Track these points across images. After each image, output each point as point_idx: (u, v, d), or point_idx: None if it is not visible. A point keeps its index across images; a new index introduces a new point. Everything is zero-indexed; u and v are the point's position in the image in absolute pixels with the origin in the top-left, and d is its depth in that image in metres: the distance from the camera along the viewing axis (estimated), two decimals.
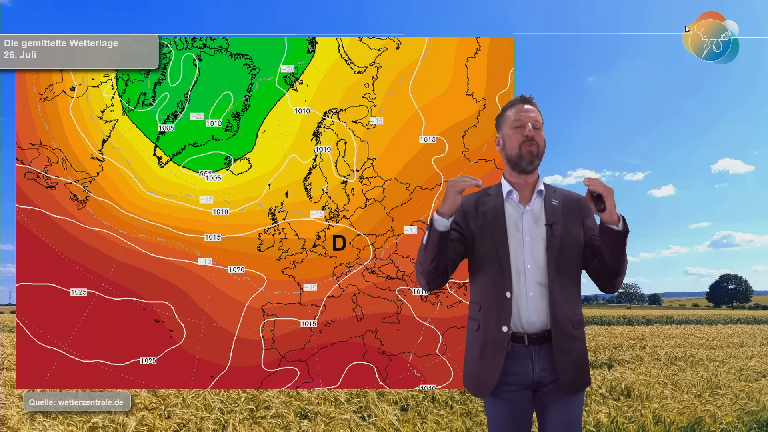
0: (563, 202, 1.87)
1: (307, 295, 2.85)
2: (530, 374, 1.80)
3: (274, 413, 3.77)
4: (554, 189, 1.90)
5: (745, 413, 4.30)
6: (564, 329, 1.80)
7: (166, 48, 2.89)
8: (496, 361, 1.80)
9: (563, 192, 1.91)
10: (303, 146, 2.88)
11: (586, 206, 1.87)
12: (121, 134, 2.88)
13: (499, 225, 1.85)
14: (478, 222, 1.87)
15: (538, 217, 1.85)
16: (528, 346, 1.80)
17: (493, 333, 1.81)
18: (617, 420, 3.81)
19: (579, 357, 1.82)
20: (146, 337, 2.83)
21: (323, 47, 2.90)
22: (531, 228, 1.84)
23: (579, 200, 1.89)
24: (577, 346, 1.83)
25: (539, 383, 1.81)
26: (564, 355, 1.79)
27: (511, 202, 1.87)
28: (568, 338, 1.81)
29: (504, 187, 1.89)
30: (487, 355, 1.82)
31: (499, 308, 1.81)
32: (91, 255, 2.84)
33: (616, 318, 30.53)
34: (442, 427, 3.61)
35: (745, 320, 29.44)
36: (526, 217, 1.85)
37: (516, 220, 1.85)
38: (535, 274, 1.81)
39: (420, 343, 2.86)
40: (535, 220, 1.84)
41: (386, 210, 2.87)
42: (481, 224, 1.87)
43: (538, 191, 1.87)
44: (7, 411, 3.78)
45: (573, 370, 1.80)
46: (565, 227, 1.84)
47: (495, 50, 2.90)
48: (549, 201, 1.86)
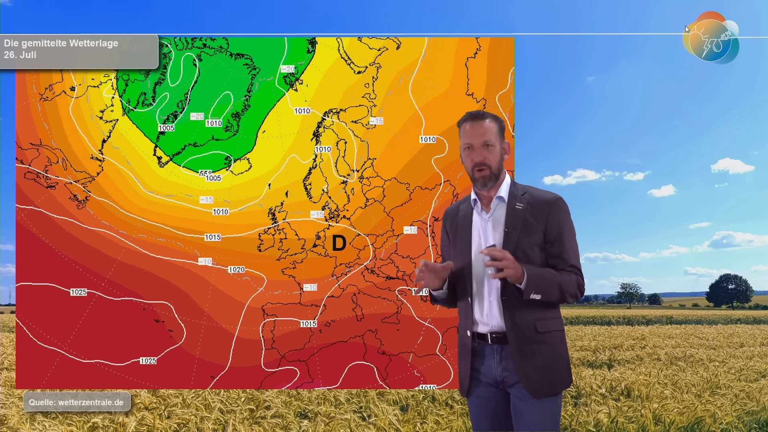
0: (529, 205, 1.84)
1: (307, 295, 2.85)
2: (493, 373, 1.85)
3: (274, 413, 3.77)
4: (524, 191, 1.88)
5: (745, 413, 4.30)
6: (524, 333, 1.79)
7: (166, 48, 2.89)
8: (467, 360, 1.90)
9: (534, 193, 1.87)
10: (303, 146, 2.88)
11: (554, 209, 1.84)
12: (121, 134, 2.88)
13: (465, 233, 1.91)
14: (453, 231, 1.97)
15: (498, 222, 1.86)
16: (491, 345, 1.85)
17: (464, 337, 1.92)
18: (617, 420, 3.81)
19: (546, 361, 1.79)
20: (146, 337, 2.83)
21: (323, 47, 2.90)
22: (491, 234, 1.86)
23: (548, 202, 1.85)
24: (543, 350, 1.80)
25: (503, 383, 1.84)
26: (525, 359, 1.78)
27: (477, 209, 1.92)
28: (531, 343, 1.79)
29: (472, 195, 1.94)
30: (462, 356, 1.93)
31: (466, 314, 1.91)
32: (91, 255, 2.84)
33: (616, 318, 30.53)
34: (442, 427, 3.61)
35: (745, 320, 29.43)
36: (488, 225, 1.88)
37: (479, 228, 1.89)
38: (493, 280, 1.82)
39: (420, 343, 2.86)
40: (495, 226, 1.86)
41: (386, 210, 2.87)
42: (454, 233, 1.96)
43: (497, 197, 1.87)
44: (7, 411, 3.78)
45: (537, 375, 1.78)
46: (524, 231, 1.82)
47: (495, 50, 2.90)
48: (512, 206, 1.85)
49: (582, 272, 1.87)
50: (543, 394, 1.78)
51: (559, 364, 1.83)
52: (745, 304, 71.82)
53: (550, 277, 1.79)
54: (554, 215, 1.84)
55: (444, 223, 2.03)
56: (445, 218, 2.03)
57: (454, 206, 2.03)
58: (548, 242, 1.84)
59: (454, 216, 1.99)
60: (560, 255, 1.84)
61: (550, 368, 1.80)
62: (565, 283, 1.81)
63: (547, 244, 1.84)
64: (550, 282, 1.78)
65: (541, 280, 1.77)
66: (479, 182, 1.85)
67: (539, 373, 1.78)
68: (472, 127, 1.86)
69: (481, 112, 1.89)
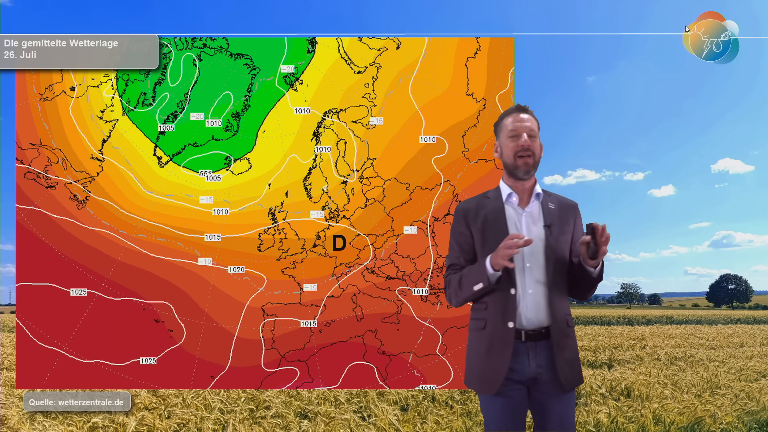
0: (558, 207, 1.95)
1: (307, 295, 2.85)
2: (527, 370, 1.86)
3: (274, 413, 3.77)
4: (549, 194, 1.99)
5: (745, 413, 4.30)
6: (560, 327, 1.88)
7: (166, 48, 2.89)
8: (504, 357, 1.85)
9: (558, 197, 1.99)
10: (303, 146, 2.88)
11: (578, 214, 1.99)
12: (121, 134, 2.88)
13: (500, 226, 1.92)
14: (479, 225, 1.95)
15: (536, 218, 1.93)
16: (525, 343, 1.86)
17: (500, 330, 1.87)
18: (617, 420, 3.81)
19: (572, 354, 1.90)
20: (146, 337, 2.83)
21: (323, 47, 2.90)
22: (530, 229, 1.91)
23: (572, 207, 1.98)
24: (570, 344, 1.91)
25: (534, 380, 1.87)
26: (560, 352, 1.87)
27: (511, 204, 1.95)
28: (564, 336, 1.88)
29: (503, 190, 1.97)
30: (494, 352, 1.87)
31: (504, 305, 1.87)
32: (91, 255, 2.84)
33: (616, 318, 30.53)
34: (442, 427, 3.61)
35: (745, 320, 29.43)
36: (525, 219, 1.92)
37: (515, 222, 1.93)
38: (534, 273, 1.87)
39: (420, 343, 2.86)
40: (534, 221, 1.92)
41: (386, 210, 2.87)
42: (483, 227, 1.94)
43: (536, 194, 1.95)
44: (7, 411, 3.78)
45: (568, 368, 1.87)
46: (559, 230, 1.92)
47: (495, 50, 2.90)
48: (546, 204, 1.94)
49: None
50: (572, 385, 1.89)
51: (578, 357, 1.95)
52: (745, 304, 71.81)
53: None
54: (579, 219, 1.99)
55: (464, 216, 1.97)
56: (465, 212, 1.98)
57: (474, 200, 2.01)
58: (573, 242, 1.96)
59: (477, 209, 1.97)
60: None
61: (575, 361, 1.91)
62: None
63: (572, 245, 1.95)
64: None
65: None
66: (521, 169, 1.90)
67: (569, 366, 1.88)
68: (519, 118, 1.92)
69: (527, 107, 1.96)
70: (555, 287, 1.87)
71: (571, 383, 1.87)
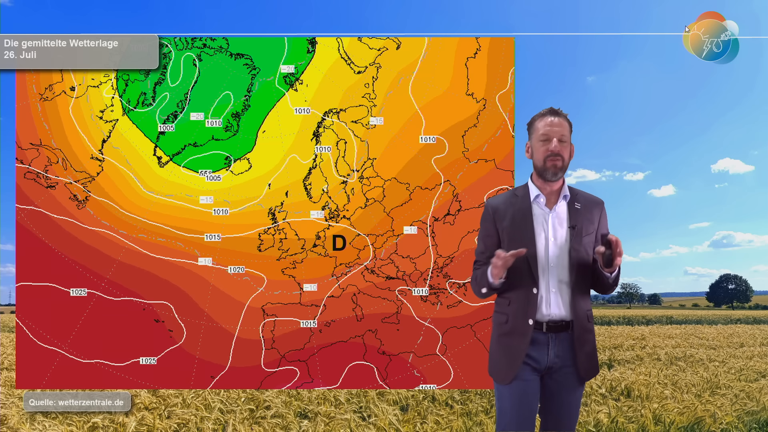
0: (584, 206, 2.01)
1: (307, 295, 2.85)
2: (545, 359, 1.95)
3: (274, 413, 3.77)
4: (577, 192, 2.04)
5: (745, 413, 4.30)
6: (582, 323, 1.96)
7: (166, 48, 2.89)
8: (521, 348, 1.95)
9: (585, 195, 2.05)
10: (303, 146, 2.88)
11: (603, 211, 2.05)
12: (121, 134, 2.88)
13: (527, 225, 1.98)
14: (506, 222, 2.01)
15: (562, 219, 1.99)
16: (546, 333, 1.95)
17: (521, 326, 1.95)
18: (617, 420, 3.81)
19: (591, 347, 2.00)
20: (146, 337, 2.83)
21: (323, 47, 2.90)
22: (556, 229, 1.98)
23: (598, 204, 2.04)
24: (590, 338, 2.00)
25: (550, 369, 1.96)
26: (581, 346, 1.96)
27: (539, 205, 2.00)
28: (585, 331, 1.98)
29: (531, 190, 2.02)
30: (513, 345, 1.96)
31: (526, 303, 1.95)
32: (91, 255, 2.84)
33: (616, 318, 30.52)
34: (442, 427, 3.61)
35: (745, 320, 29.41)
36: (552, 219, 1.98)
37: (542, 222, 1.99)
38: (558, 272, 1.95)
39: (420, 343, 2.86)
40: (560, 222, 1.98)
41: (386, 210, 2.87)
42: (510, 224, 2.01)
43: (563, 196, 2.00)
44: (7, 411, 3.78)
45: (587, 361, 1.97)
46: (584, 230, 1.99)
47: (495, 50, 2.90)
48: (572, 204, 2.00)
49: None
50: (590, 376, 2.00)
51: (596, 350, 2.05)
52: (745, 304, 71.80)
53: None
54: (604, 217, 2.05)
55: (492, 213, 2.04)
56: (493, 209, 2.04)
57: (503, 197, 2.07)
58: (597, 241, 2.01)
59: (505, 207, 2.03)
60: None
61: (593, 354, 2.01)
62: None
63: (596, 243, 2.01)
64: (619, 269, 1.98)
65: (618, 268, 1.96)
66: (550, 171, 1.95)
67: (587, 359, 1.98)
68: (551, 121, 1.96)
69: (560, 111, 1.99)
70: (578, 286, 1.95)
71: (589, 373, 1.99)
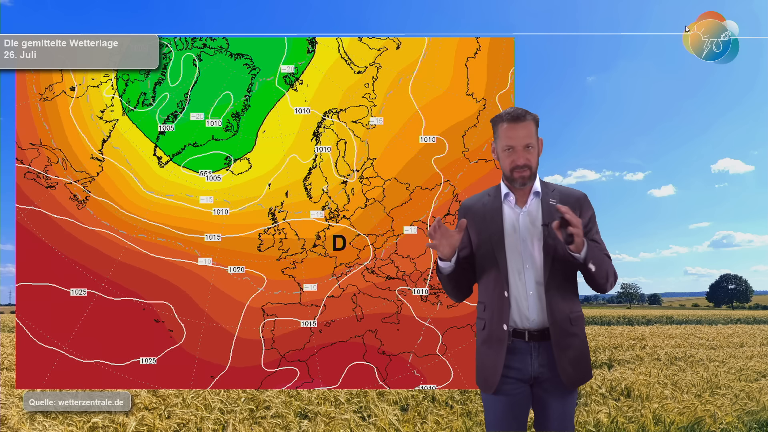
0: (561, 201, 1.88)
1: (307, 295, 2.85)
2: (529, 369, 1.86)
3: (274, 413, 3.77)
4: (553, 188, 1.93)
5: (745, 413, 4.30)
6: (562, 327, 1.85)
7: (166, 48, 2.89)
8: (499, 356, 1.86)
9: (562, 190, 1.93)
10: (303, 146, 2.88)
11: (585, 204, 1.91)
12: (121, 134, 2.88)
13: (496, 226, 1.90)
14: (478, 225, 1.94)
15: (534, 217, 1.88)
16: (528, 342, 1.86)
17: (496, 331, 1.88)
18: (617, 420, 3.81)
19: (577, 353, 1.87)
20: (146, 337, 2.83)
21: (323, 47, 2.90)
22: (528, 229, 1.88)
23: (578, 198, 1.91)
24: (575, 342, 1.87)
25: (537, 378, 1.87)
26: (562, 352, 1.85)
27: (509, 204, 1.92)
28: (567, 335, 1.86)
29: (502, 189, 1.94)
30: (491, 352, 1.88)
31: (500, 307, 1.87)
32: (91, 255, 2.84)
33: (616, 318, 30.51)
34: (442, 427, 3.61)
35: (745, 320, 29.42)
36: (523, 218, 1.89)
37: (513, 222, 1.90)
38: (533, 274, 1.86)
39: (420, 343, 2.86)
40: (532, 221, 1.88)
41: (386, 210, 2.87)
42: (481, 227, 1.93)
43: (534, 192, 1.90)
44: (7, 411, 3.78)
45: (571, 367, 1.85)
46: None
47: (495, 50, 2.90)
48: (546, 201, 1.89)
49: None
50: (576, 384, 1.86)
51: (586, 355, 1.91)
52: (745, 304, 71.78)
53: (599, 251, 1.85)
54: (586, 211, 1.90)
55: (464, 214, 1.98)
56: (465, 210, 1.99)
57: (476, 198, 2.01)
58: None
59: (477, 208, 1.96)
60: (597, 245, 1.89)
61: (581, 359, 1.88)
62: (609, 260, 1.88)
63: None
64: (602, 255, 1.85)
65: (597, 251, 1.83)
66: (518, 182, 1.87)
67: (573, 365, 1.85)
68: (513, 129, 1.85)
69: (523, 113, 1.86)
70: (555, 286, 1.85)
71: (575, 382, 1.85)
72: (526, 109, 1.89)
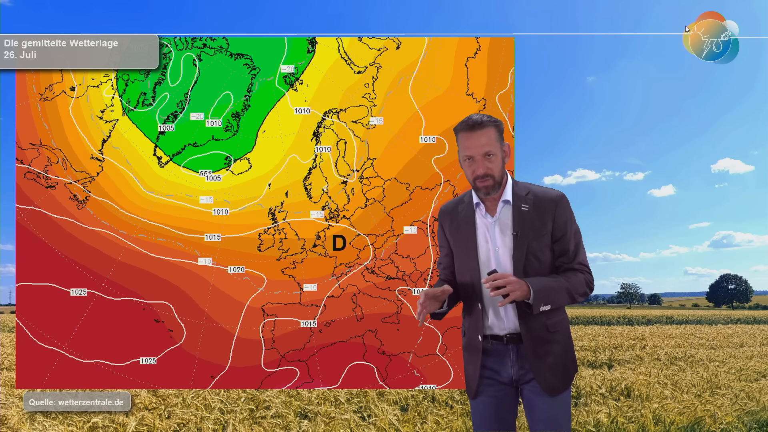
0: (534, 206, 1.83)
1: (307, 295, 2.85)
2: (509, 371, 1.84)
3: (274, 413, 3.77)
4: (527, 191, 1.86)
5: (745, 413, 4.30)
6: (538, 335, 1.81)
7: (166, 48, 2.89)
8: (477, 363, 1.86)
9: (538, 193, 1.85)
10: (303, 146, 2.88)
11: (560, 206, 1.83)
12: (121, 134, 2.88)
13: (470, 235, 1.88)
14: (454, 233, 1.93)
15: (505, 225, 1.84)
16: (506, 345, 1.84)
17: (473, 340, 1.89)
18: (617, 420, 3.81)
19: (556, 359, 1.82)
20: (146, 337, 2.83)
21: (323, 47, 2.90)
22: (499, 238, 1.84)
23: (553, 200, 1.83)
24: (555, 349, 1.83)
25: (518, 381, 1.85)
26: (539, 359, 1.81)
27: (480, 212, 1.88)
28: (543, 343, 1.82)
29: (474, 198, 1.90)
30: (471, 359, 1.90)
31: (475, 318, 1.87)
32: (91, 255, 2.84)
33: (616, 318, 30.51)
34: (442, 427, 3.61)
35: (745, 320, 29.41)
36: (493, 228, 1.85)
37: (485, 231, 1.87)
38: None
39: (420, 343, 2.86)
40: (503, 229, 1.84)
41: (386, 210, 2.87)
42: (456, 236, 1.92)
43: (503, 201, 1.85)
44: (7, 411, 3.78)
45: (550, 374, 1.81)
46: (533, 234, 1.81)
47: (495, 50, 2.90)
48: (518, 207, 1.83)
49: (590, 268, 1.88)
50: (557, 391, 1.81)
51: (568, 358, 1.87)
52: (745, 304, 71.77)
53: (556, 285, 1.79)
54: (560, 213, 1.83)
55: (441, 220, 1.97)
56: (443, 216, 1.97)
57: (452, 204, 1.97)
58: (555, 241, 1.84)
59: (453, 215, 1.94)
60: (567, 253, 1.85)
61: (561, 365, 1.83)
62: (573, 285, 1.82)
63: (554, 243, 1.84)
64: (557, 290, 1.79)
65: (548, 291, 1.76)
66: (482, 191, 1.82)
67: (552, 372, 1.81)
68: (471, 138, 1.80)
69: (479, 120, 1.79)
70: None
71: (554, 389, 1.80)
72: (490, 115, 1.84)
